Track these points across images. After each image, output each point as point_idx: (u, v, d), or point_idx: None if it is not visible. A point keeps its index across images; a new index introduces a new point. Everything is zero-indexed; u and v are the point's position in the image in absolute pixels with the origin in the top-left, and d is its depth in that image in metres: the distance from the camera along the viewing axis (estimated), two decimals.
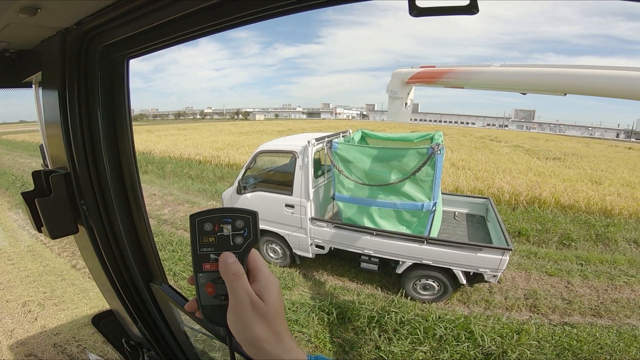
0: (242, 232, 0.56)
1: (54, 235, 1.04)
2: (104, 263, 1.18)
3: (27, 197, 1.01)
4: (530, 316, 4.48)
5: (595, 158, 18.94)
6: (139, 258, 1.20)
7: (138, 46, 0.85)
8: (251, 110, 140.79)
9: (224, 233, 0.56)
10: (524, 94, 3.62)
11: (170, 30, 0.77)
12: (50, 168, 1.11)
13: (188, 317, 1.37)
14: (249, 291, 0.53)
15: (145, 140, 22.76)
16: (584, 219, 7.64)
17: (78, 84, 0.93)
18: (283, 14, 0.65)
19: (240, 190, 5.36)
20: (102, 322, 1.57)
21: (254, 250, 0.57)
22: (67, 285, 4.76)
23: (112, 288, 1.26)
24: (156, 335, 1.44)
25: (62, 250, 5.95)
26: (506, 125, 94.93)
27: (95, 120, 0.97)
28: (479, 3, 0.47)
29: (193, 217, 0.56)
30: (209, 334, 1.22)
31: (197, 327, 1.41)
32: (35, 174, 1.04)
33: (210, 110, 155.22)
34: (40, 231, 1.06)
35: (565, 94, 3.30)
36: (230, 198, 5.59)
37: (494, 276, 4.18)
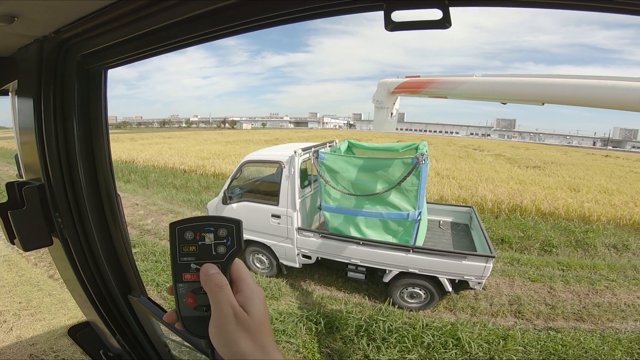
0: (225, 241, 0.54)
1: (26, 248, 1.02)
2: (80, 275, 1.15)
3: (0, 208, 0.98)
4: (515, 322, 4.53)
5: (573, 166, 19.59)
6: (116, 270, 1.18)
7: (116, 56, 0.84)
8: (238, 119, 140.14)
9: (206, 242, 0.54)
10: (504, 103, 3.74)
11: (149, 42, 0.76)
12: (24, 179, 1.09)
13: (169, 330, 1.34)
14: (233, 303, 0.50)
15: (128, 148, 22.32)
16: (564, 226, 7.85)
17: (54, 94, 0.92)
18: (266, 27, 0.65)
19: (226, 200, 5.30)
20: (79, 333, 1.53)
21: (237, 260, 0.56)
22: (44, 295, 4.61)
23: (88, 300, 1.23)
24: (135, 347, 1.40)
25: (39, 260, 5.76)
26: (488, 135, 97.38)
27: (71, 130, 0.95)
28: (452, 17, 0.49)
29: (173, 225, 0.54)
30: (191, 346, 1.20)
31: (179, 339, 1.38)
32: (9, 185, 1.01)
33: (196, 119, 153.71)
34: (13, 243, 1.03)
35: (543, 104, 3.42)
36: (215, 208, 5.52)
37: (479, 283, 4.24)
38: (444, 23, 0.49)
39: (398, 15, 0.51)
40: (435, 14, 0.49)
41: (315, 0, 0.57)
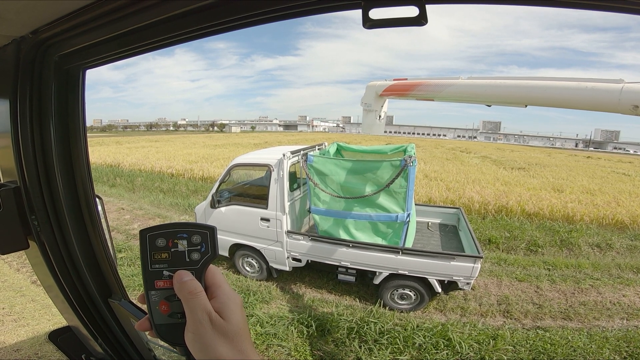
0: (199, 247, 0.53)
1: (2, 251, 0.99)
2: (58, 279, 1.14)
3: None
4: (504, 321, 4.59)
5: (556, 167, 20.07)
6: (96, 273, 1.16)
7: (96, 56, 0.83)
8: (227, 122, 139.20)
9: (179, 249, 0.53)
10: (489, 106, 3.79)
11: (130, 41, 0.75)
12: (0, 181, 1.06)
13: None
14: (208, 309, 0.50)
15: (113, 152, 21.91)
16: (548, 226, 8.01)
17: (31, 95, 0.90)
18: (246, 26, 0.65)
19: (214, 204, 5.24)
20: (60, 338, 1.50)
21: (212, 266, 0.55)
22: (27, 301, 4.50)
23: (68, 304, 1.21)
24: (118, 351, 1.39)
25: (22, 265, 5.63)
26: (475, 137, 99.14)
27: (48, 132, 0.94)
28: (428, 14, 0.50)
29: (143, 233, 0.53)
30: (175, 350, 1.19)
31: (163, 343, 1.36)
32: None
33: (184, 122, 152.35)
34: None
35: (526, 106, 3.48)
36: (203, 212, 5.45)
37: (468, 283, 4.28)
38: (420, 20, 0.50)
39: (376, 13, 0.51)
40: (412, 11, 0.50)
41: None
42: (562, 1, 0.51)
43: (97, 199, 1.16)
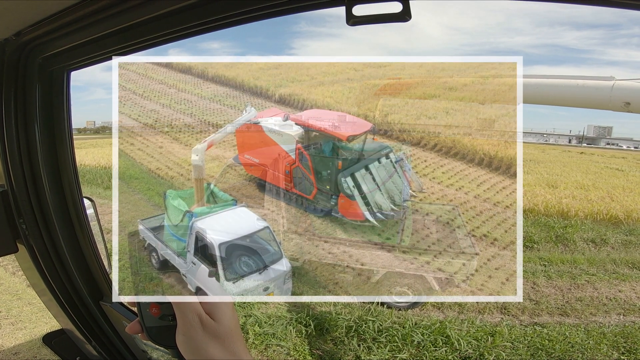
0: None
1: None
2: (49, 282, 1.13)
3: None
4: (502, 318, 4.60)
5: (550, 163, 20.05)
6: (86, 277, 1.17)
7: (79, 57, 0.83)
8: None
9: None
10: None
11: (113, 42, 0.75)
12: None
13: None
14: (199, 310, 0.50)
15: (108, 154, 21.64)
16: (543, 222, 8.02)
17: (15, 97, 0.89)
18: (232, 25, 0.65)
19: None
20: (54, 340, 1.51)
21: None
22: (24, 304, 4.51)
23: (60, 307, 1.22)
24: (113, 353, 1.39)
25: (17, 269, 5.54)
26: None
27: (33, 134, 0.93)
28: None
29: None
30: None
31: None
32: None
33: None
34: None
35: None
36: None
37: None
38: (404, 16, 0.49)
39: (359, 10, 0.51)
40: (396, 7, 0.50)
41: None
42: None
43: (88, 201, 1.14)
